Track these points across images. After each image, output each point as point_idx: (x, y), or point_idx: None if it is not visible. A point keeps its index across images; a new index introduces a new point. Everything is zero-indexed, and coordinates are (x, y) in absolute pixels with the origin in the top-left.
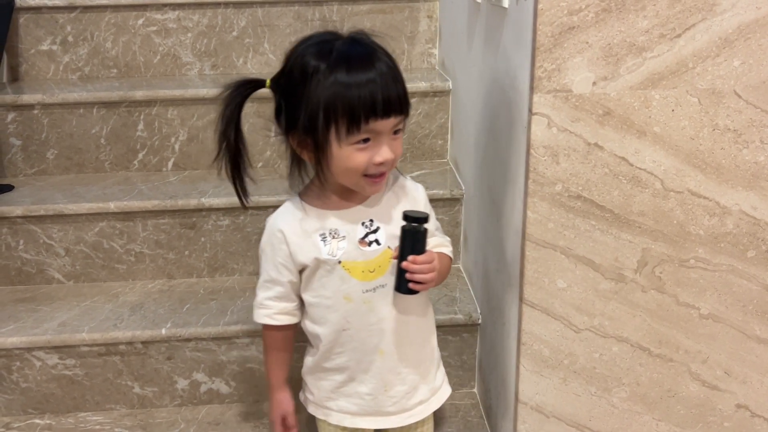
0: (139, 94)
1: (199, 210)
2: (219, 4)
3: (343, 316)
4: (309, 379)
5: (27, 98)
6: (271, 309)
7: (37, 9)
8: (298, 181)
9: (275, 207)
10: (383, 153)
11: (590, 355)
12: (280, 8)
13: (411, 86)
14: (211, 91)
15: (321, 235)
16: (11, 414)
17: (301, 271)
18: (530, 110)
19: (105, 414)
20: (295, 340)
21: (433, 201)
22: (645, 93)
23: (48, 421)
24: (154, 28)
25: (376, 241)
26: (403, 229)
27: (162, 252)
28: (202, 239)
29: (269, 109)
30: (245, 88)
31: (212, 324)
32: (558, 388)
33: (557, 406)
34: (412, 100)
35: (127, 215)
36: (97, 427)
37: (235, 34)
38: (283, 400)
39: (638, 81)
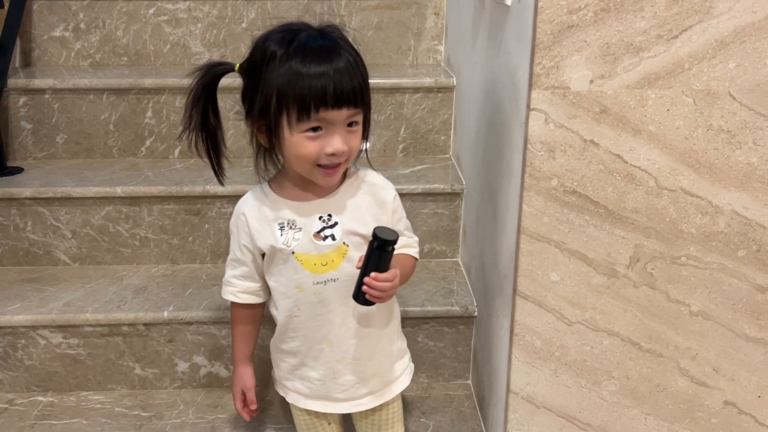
0: (148, 82)
1: (203, 197)
2: None
3: (294, 304)
4: (273, 358)
5: (38, 83)
6: (236, 287)
7: None
8: (270, 167)
9: None
10: (334, 143)
11: (581, 348)
12: (289, 1)
13: (415, 82)
14: None
15: (279, 224)
16: (15, 390)
17: (263, 255)
18: (528, 106)
19: (106, 394)
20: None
21: (433, 195)
22: (641, 92)
23: (50, 399)
24: (165, 18)
25: (332, 236)
26: (370, 245)
27: (166, 237)
28: (206, 226)
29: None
30: (215, 68)
31: (213, 308)
32: (549, 379)
33: (548, 397)
34: (416, 96)
35: (133, 200)
36: (98, 406)
37: (244, 25)
38: (244, 375)
39: (635, 80)
